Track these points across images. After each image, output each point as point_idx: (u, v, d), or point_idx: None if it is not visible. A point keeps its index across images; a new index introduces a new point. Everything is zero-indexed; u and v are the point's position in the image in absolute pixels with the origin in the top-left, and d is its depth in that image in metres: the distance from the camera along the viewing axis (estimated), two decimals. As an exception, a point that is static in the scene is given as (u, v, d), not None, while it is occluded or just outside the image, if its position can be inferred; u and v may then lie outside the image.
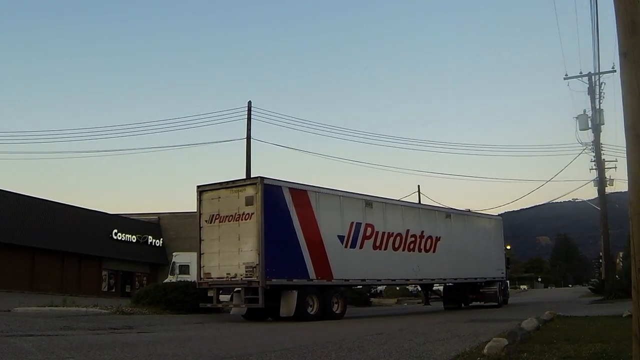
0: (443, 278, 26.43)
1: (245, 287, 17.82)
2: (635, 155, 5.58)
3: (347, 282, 21.05)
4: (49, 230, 42.58)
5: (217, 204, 18.90)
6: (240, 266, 17.90)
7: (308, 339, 11.40)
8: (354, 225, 20.90)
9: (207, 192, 19.29)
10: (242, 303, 18.15)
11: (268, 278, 17.48)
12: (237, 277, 17.91)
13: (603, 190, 38.62)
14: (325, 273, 19.50)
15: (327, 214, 20.03)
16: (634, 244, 5.52)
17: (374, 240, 21.71)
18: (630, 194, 5.64)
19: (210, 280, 18.69)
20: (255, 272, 17.48)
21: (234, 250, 18.23)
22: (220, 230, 18.71)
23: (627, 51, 5.76)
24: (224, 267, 18.35)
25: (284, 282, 18.10)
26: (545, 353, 7.86)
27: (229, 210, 18.54)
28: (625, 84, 5.76)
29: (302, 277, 18.73)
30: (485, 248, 28.48)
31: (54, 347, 8.93)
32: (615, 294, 31.63)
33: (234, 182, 18.83)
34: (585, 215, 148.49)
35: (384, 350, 9.03)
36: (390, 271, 22.63)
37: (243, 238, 18.10)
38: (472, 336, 11.20)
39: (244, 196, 18.25)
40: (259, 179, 18.16)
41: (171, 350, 9.12)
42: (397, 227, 22.92)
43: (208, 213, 19.07)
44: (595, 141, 37.99)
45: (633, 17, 5.76)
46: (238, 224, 18.29)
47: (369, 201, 22.03)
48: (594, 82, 36.74)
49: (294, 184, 19.27)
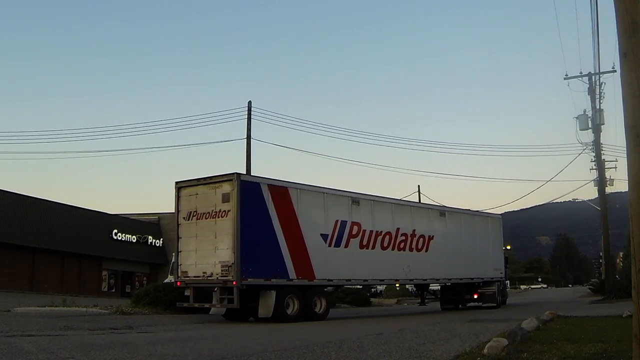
0: (436, 278, 25.72)
1: (221, 286, 17.31)
2: (635, 155, 5.57)
3: (331, 282, 20.45)
4: (49, 230, 42.57)
5: (195, 200, 18.39)
6: (216, 265, 17.41)
7: (308, 339, 11.39)
8: (339, 224, 20.30)
9: (185, 189, 18.76)
10: (218, 303, 17.67)
11: (244, 277, 16.98)
12: (214, 276, 17.43)
13: (603, 190, 38.63)
14: (306, 273, 18.95)
15: (309, 212, 19.47)
16: (634, 244, 5.52)
17: (361, 239, 21.08)
18: (630, 194, 5.63)
19: (187, 279, 18.19)
20: (230, 272, 16.99)
21: (210, 248, 17.73)
22: (197, 228, 18.19)
23: (628, 51, 5.75)
24: (201, 266, 17.87)
25: (261, 282, 17.63)
26: (545, 353, 7.86)
27: (206, 207, 18.02)
28: (625, 84, 5.76)
29: (281, 276, 18.20)
30: (482, 247, 27.71)
31: (54, 347, 8.93)
32: (616, 294, 31.58)
33: (211, 178, 18.23)
34: (586, 215, 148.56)
35: (384, 350, 9.03)
36: (379, 271, 22.04)
37: (219, 236, 17.57)
38: (472, 336, 11.20)
39: (220, 193, 17.73)
40: (235, 174, 17.58)
41: (171, 350, 9.12)
42: (386, 226, 22.25)
43: (186, 210, 18.57)
44: (595, 141, 38.00)
45: (633, 17, 5.76)
46: (215, 221, 17.77)
47: (355, 199, 21.39)
48: (594, 82, 36.77)
49: (274, 180, 18.66)
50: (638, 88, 5.64)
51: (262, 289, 17.78)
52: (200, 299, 18.51)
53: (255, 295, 17.81)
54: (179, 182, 18.99)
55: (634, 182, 5.57)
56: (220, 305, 17.73)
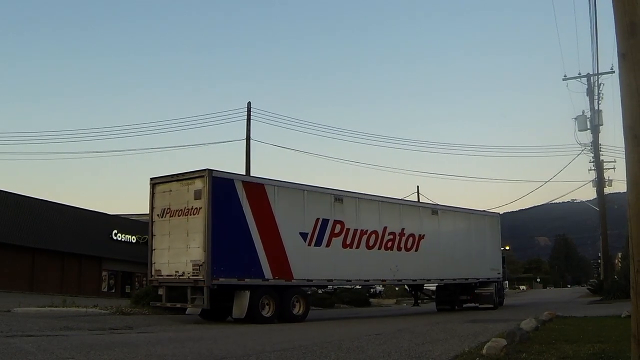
0: (427, 279, 24.98)
1: (192, 286, 16.82)
2: (633, 156, 5.59)
3: (311, 282, 19.82)
4: (48, 230, 42.61)
5: (169, 197, 17.89)
6: (187, 264, 16.92)
7: (307, 339, 11.41)
8: (320, 222, 19.67)
9: (160, 185, 18.26)
10: (189, 303, 17.12)
11: (215, 277, 16.45)
12: (185, 276, 16.95)
13: (602, 190, 38.70)
14: (283, 273, 18.38)
15: (287, 210, 18.83)
16: (632, 245, 5.54)
17: (344, 237, 20.45)
18: (629, 195, 5.65)
19: (160, 277, 17.74)
20: (201, 271, 16.48)
21: (182, 246, 17.24)
22: (170, 225, 17.71)
23: (626, 52, 5.77)
24: (173, 265, 17.41)
25: (234, 282, 17.05)
26: (544, 353, 7.88)
27: (179, 204, 17.50)
28: (624, 85, 5.78)
29: (256, 276, 17.62)
30: (478, 247, 26.92)
31: (54, 347, 8.95)
32: (614, 295, 31.65)
33: (183, 175, 17.72)
34: (584, 215, 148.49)
35: (382, 351, 9.05)
36: (363, 271, 21.39)
37: (191, 234, 17.05)
38: (471, 336, 11.23)
39: (192, 189, 17.21)
40: (207, 171, 16.99)
41: (171, 351, 9.14)
42: (372, 224, 21.60)
43: (160, 207, 18.08)
44: (594, 142, 38.07)
45: (632, 18, 5.78)
46: (187, 218, 17.25)
47: (339, 196, 20.71)
48: (592, 83, 36.85)
49: (249, 177, 18.19)
50: (636, 89, 5.66)
51: (236, 289, 17.25)
52: (174, 299, 18.01)
53: (232, 295, 17.34)
54: (153, 178, 18.54)
55: (633, 183, 5.59)
56: (191, 305, 17.23)
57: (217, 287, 16.67)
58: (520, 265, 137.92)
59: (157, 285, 18.07)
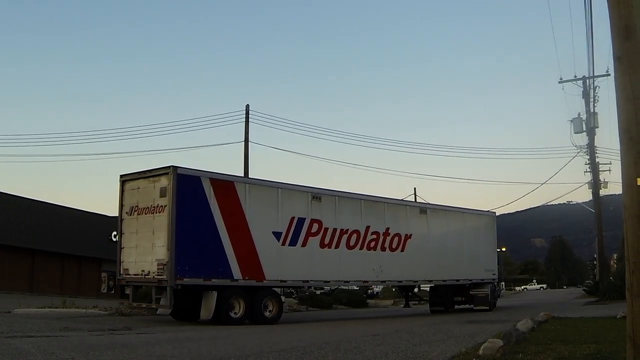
0: (414, 280, 24.25)
1: (156, 286, 16.33)
2: (629, 158, 5.67)
3: (284, 283, 19.33)
4: (48, 232, 42.68)
5: (137, 194, 17.44)
6: (153, 263, 16.43)
7: (305, 340, 11.47)
8: (295, 221, 19.04)
9: (129, 182, 17.77)
10: (153, 303, 16.68)
11: (179, 277, 15.95)
12: (150, 275, 16.45)
13: (597, 192, 38.81)
14: (254, 273, 17.76)
15: (259, 208, 18.19)
16: (628, 246, 5.62)
17: (322, 237, 19.80)
18: (624, 197, 5.73)
19: (128, 277, 17.30)
20: (165, 270, 16.01)
21: (148, 245, 16.76)
22: (138, 224, 17.27)
23: (621, 55, 5.85)
24: (140, 264, 16.92)
25: (199, 282, 16.51)
26: (540, 354, 7.95)
27: (146, 202, 17.05)
28: (619, 88, 5.86)
29: (225, 276, 17.05)
30: (472, 247, 26.06)
31: (53, 348, 8.98)
32: (610, 296, 31.74)
33: (150, 172, 17.21)
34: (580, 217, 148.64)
35: (380, 351, 9.10)
36: (343, 272, 20.73)
37: (157, 232, 16.56)
38: (468, 337, 11.28)
39: (159, 187, 16.73)
40: (172, 168, 16.45)
41: (170, 351, 9.19)
42: (353, 224, 20.91)
43: (129, 204, 17.64)
44: (589, 144, 38.20)
45: (627, 22, 5.86)
46: (153, 217, 16.78)
47: (317, 194, 20.00)
48: (588, 85, 36.96)
49: (217, 174, 17.54)
50: (632, 92, 5.74)
51: (203, 289, 16.77)
52: (140, 298, 17.81)
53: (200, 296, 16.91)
54: (123, 175, 18.07)
55: (628, 185, 5.66)
56: (155, 305, 16.75)
57: (184, 287, 16.29)
58: (517, 266, 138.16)
59: (125, 285, 17.66)
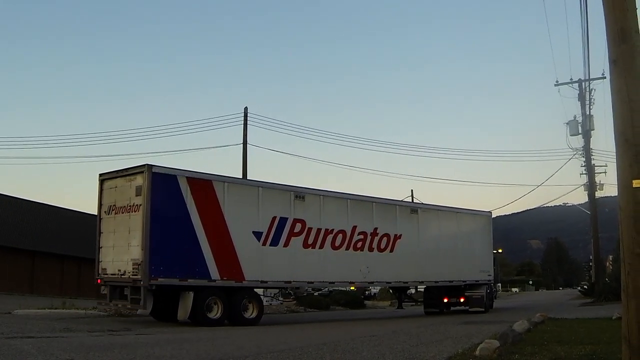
0: (404, 281, 23.67)
1: (131, 286, 16.07)
2: (624, 160, 5.75)
3: (265, 284, 19.00)
4: (49, 233, 42.68)
5: (114, 193, 17.19)
6: (128, 262, 16.19)
7: (303, 340, 11.53)
8: (277, 220, 18.68)
9: (108, 181, 17.52)
10: (128, 303, 16.37)
11: (153, 277, 15.66)
12: (126, 275, 16.20)
13: (593, 194, 38.95)
14: (233, 273, 17.44)
15: (238, 207, 17.86)
16: (623, 248, 5.69)
17: (305, 237, 19.42)
18: (619, 198, 5.80)
19: (105, 276, 17.04)
20: (140, 270, 15.76)
21: (124, 245, 16.52)
22: (115, 223, 16.99)
23: (617, 59, 5.93)
24: (117, 263, 16.67)
25: (175, 283, 16.22)
26: (536, 354, 8.01)
27: (123, 201, 16.79)
28: (615, 91, 5.94)
29: (202, 277, 16.77)
30: (466, 247, 25.54)
31: (53, 349, 9.01)
32: (605, 297, 31.86)
33: (127, 170, 16.96)
34: (576, 219, 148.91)
35: (377, 352, 9.16)
36: (328, 272, 20.28)
37: (132, 232, 16.31)
38: (465, 338, 11.35)
39: (134, 186, 16.48)
40: (146, 166, 16.16)
41: (169, 352, 9.21)
42: (338, 223, 20.50)
43: (107, 203, 17.38)
44: (585, 146, 38.35)
45: (622, 25, 5.94)
46: (129, 216, 16.51)
47: (300, 193, 19.63)
48: (584, 88, 37.11)
49: (195, 173, 17.23)
50: (627, 95, 5.81)
51: (180, 289, 16.53)
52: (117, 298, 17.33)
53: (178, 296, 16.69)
54: (102, 174, 17.82)
55: (624, 187, 5.74)
56: (130, 305, 16.42)
57: (161, 287, 16.10)
58: (513, 267, 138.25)
59: (103, 284, 17.42)
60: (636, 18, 5.96)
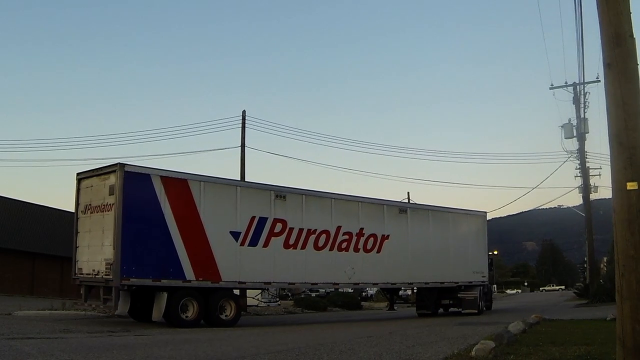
0: (392, 282, 23.03)
1: (104, 286, 15.84)
2: (619, 163, 5.83)
3: (244, 284, 18.59)
4: (49, 236, 42.66)
5: (90, 193, 16.98)
6: (102, 262, 15.95)
7: (301, 341, 11.58)
8: (256, 220, 18.35)
9: (84, 180, 17.31)
10: (102, 304, 16.15)
11: (125, 277, 15.41)
12: (100, 275, 15.97)
13: (588, 197, 39.13)
14: (209, 274, 17.16)
15: (215, 207, 17.59)
16: (617, 250, 5.77)
17: (286, 237, 19.08)
18: (614, 201, 5.89)
19: (81, 276, 16.83)
20: (112, 270, 15.54)
21: (98, 244, 16.30)
22: (90, 222, 16.77)
23: (611, 62, 6.02)
24: (91, 263, 16.44)
25: (147, 283, 15.95)
26: (531, 355, 8.09)
27: (98, 200, 16.58)
28: (609, 95, 6.02)
29: (176, 277, 16.46)
30: (458, 248, 24.93)
31: (53, 350, 9.06)
32: (600, 298, 32.02)
33: (101, 169, 16.77)
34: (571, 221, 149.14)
35: (374, 353, 9.23)
36: (310, 273, 19.84)
37: (106, 232, 16.08)
38: (461, 339, 11.43)
39: (108, 185, 16.26)
40: (119, 165, 15.93)
41: (167, 353, 9.26)
42: (322, 223, 20.09)
43: (83, 203, 17.16)
44: (580, 149, 38.57)
45: (617, 29, 6.02)
46: (103, 215, 16.29)
47: (281, 193, 19.30)
48: (578, 91, 37.34)
49: (169, 172, 16.95)
50: (621, 98, 5.90)
51: (155, 290, 16.30)
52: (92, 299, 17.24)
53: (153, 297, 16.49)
54: (79, 173, 17.59)
55: (618, 189, 5.82)
56: (102, 306, 16.22)
57: (136, 287, 15.95)
58: (508, 269, 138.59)
59: (79, 285, 17.29)
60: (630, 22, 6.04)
